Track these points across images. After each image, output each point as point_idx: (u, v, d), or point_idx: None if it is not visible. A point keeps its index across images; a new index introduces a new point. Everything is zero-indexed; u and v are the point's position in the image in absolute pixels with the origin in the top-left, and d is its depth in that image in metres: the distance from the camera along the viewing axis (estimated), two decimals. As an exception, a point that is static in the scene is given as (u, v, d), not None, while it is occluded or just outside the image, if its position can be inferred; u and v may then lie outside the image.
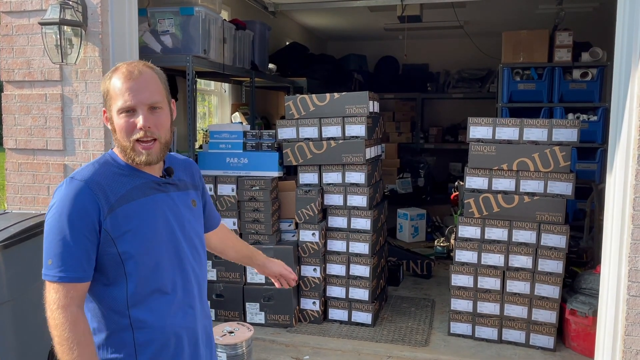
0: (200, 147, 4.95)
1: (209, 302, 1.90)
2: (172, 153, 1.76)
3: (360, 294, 4.05)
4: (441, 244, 5.94)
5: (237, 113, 5.82)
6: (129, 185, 1.54)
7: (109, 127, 1.57)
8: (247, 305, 4.05)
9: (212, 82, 6.38)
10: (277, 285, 2.15)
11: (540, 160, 3.61)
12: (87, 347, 1.45)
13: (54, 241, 1.47)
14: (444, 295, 4.61)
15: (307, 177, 4.10)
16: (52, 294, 1.46)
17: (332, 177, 4.05)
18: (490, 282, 3.77)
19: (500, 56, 5.99)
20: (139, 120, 1.50)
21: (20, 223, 3.00)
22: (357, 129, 3.94)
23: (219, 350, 3.14)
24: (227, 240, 2.04)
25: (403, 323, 4.15)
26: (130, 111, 1.51)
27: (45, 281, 1.48)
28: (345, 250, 4.06)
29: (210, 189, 4.08)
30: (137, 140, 1.51)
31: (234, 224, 4.07)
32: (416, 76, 8.92)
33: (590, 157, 5.60)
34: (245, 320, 4.03)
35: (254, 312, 4.04)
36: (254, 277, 4.02)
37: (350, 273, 4.06)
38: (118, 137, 1.54)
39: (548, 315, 3.65)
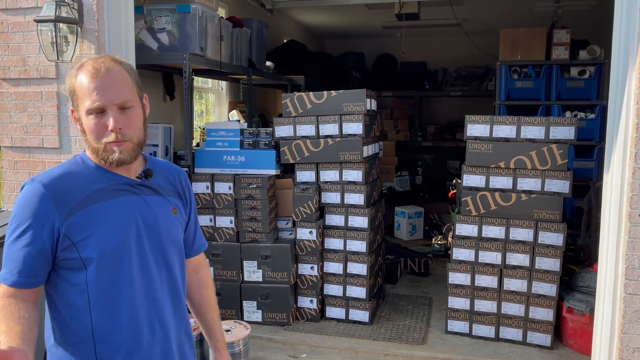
0: (197, 145, 4.94)
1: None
2: (155, 158, 1.67)
3: (358, 292, 4.05)
4: (439, 242, 5.94)
5: (234, 111, 5.82)
6: (95, 187, 1.45)
7: (78, 127, 1.47)
8: (244, 303, 4.05)
9: (210, 80, 6.36)
10: None
11: (538, 158, 3.61)
12: (12, 325, 1.32)
13: (7, 242, 1.43)
14: (441, 293, 4.61)
15: (305, 175, 4.10)
16: None
17: (329, 175, 4.05)
18: (488, 280, 3.77)
19: (498, 54, 5.98)
20: (109, 122, 1.41)
21: (16, 221, 2.99)
22: (355, 127, 3.93)
23: (215, 348, 3.14)
24: (198, 286, 1.77)
25: (400, 321, 4.14)
26: (99, 112, 1.41)
27: None
28: (342, 248, 4.06)
29: (207, 187, 4.07)
30: (108, 142, 1.43)
31: (231, 222, 4.06)
32: (414, 74, 8.91)
33: (587, 154, 5.60)
34: (242, 319, 4.02)
35: (251, 310, 4.04)
36: (251, 275, 4.02)
37: (347, 271, 4.06)
38: (88, 139, 1.45)
39: (545, 313, 3.65)
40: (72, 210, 1.41)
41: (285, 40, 7.68)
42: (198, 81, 6.02)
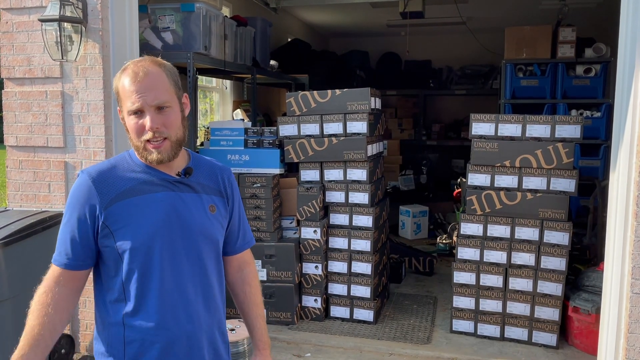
0: (202, 144, 4.94)
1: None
2: (200, 156, 1.74)
3: (362, 291, 4.04)
4: (443, 241, 5.92)
5: (238, 110, 5.81)
6: (136, 181, 1.56)
7: (124, 126, 1.59)
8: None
9: (214, 79, 6.37)
10: None
11: (543, 157, 3.59)
12: (44, 322, 1.49)
13: (61, 225, 1.57)
14: (446, 293, 4.60)
15: (309, 174, 4.09)
16: (48, 271, 1.56)
17: (333, 174, 4.04)
18: (493, 280, 3.75)
19: (503, 52, 5.96)
20: (147, 122, 1.51)
21: (21, 220, 3.00)
22: (359, 126, 3.92)
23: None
24: (242, 284, 1.80)
25: (405, 320, 4.13)
26: (138, 112, 1.52)
27: None
28: (346, 248, 4.05)
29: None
30: (147, 141, 1.53)
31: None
32: (418, 72, 8.88)
33: (593, 153, 5.57)
34: (246, 318, 4.01)
35: (256, 309, 4.03)
36: (256, 274, 4.01)
37: (352, 270, 4.05)
38: (131, 137, 1.56)
39: (551, 313, 3.64)
40: (112, 201, 1.52)
41: (289, 39, 7.67)
42: (202, 80, 6.02)
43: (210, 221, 1.63)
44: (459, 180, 5.85)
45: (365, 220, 4.01)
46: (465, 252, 3.81)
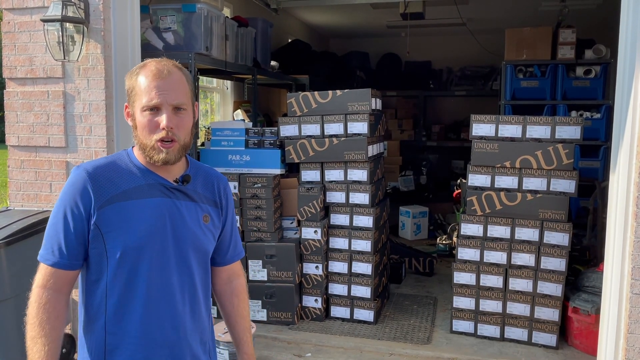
0: (202, 144, 4.95)
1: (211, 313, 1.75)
2: (199, 162, 1.71)
3: (362, 291, 4.05)
4: (443, 242, 5.93)
5: (239, 110, 5.83)
6: (134, 184, 1.51)
7: (130, 123, 1.55)
8: (249, 302, 4.04)
9: (214, 80, 6.38)
10: None
11: (543, 158, 3.60)
12: (49, 331, 1.44)
13: (49, 223, 1.51)
14: (446, 293, 4.61)
15: (309, 175, 4.10)
16: (37, 273, 1.50)
17: (334, 174, 4.05)
18: (493, 280, 3.76)
19: (503, 53, 5.97)
20: (162, 120, 1.48)
21: (22, 220, 3.01)
22: (360, 127, 3.93)
23: (220, 347, 3.14)
24: (230, 296, 1.78)
25: (405, 321, 4.14)
26: (154, 109, 1.48)
27: None
28: (347, 248, 4.06)
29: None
30: (158, 140, 1.49)
31: (236, 221, 4.06)
32: (419, 73, 8.90)
33: (593, 154, 5.58)
34: (247, 318, 4.02)
35: (256, 309, 4.04)
36: (256, 274, 4.02)
37: (352, 270, 4.06)
38: (139, 134, 1.51)
39: (551, 313, 3.64)
40: (106, 202, 1.47)
41: (289, 40, 7.68)
42: (203, 81, 6.03)
43: (203, 231, 1.60)
44: (458, 181, 5.86)
45: (365, 221, 4.02)
46: (466, 253, 3.82)
